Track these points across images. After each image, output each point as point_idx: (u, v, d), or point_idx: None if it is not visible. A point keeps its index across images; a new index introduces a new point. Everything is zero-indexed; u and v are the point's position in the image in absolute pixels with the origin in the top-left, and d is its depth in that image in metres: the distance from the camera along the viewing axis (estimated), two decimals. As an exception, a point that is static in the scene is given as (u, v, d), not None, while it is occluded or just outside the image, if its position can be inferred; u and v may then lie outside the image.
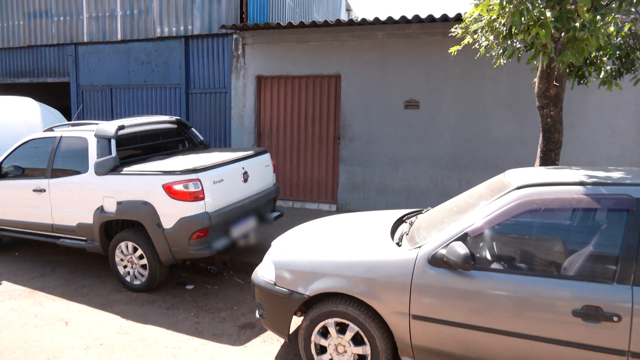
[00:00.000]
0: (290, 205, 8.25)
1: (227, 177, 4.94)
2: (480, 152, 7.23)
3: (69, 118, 9.37)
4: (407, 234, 3.46)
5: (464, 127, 7.26)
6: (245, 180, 5.20)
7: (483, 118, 7.17)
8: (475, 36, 4.44)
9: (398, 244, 3.30)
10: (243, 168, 5.19)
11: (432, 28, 7.18)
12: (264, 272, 3.60)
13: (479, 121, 7.19)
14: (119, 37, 9.14)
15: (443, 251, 2.94)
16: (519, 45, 4.18)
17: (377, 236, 3.54)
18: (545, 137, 4.98)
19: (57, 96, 12.34)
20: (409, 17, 6.91)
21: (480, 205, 3.09)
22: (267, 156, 5.71)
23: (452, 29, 4.54)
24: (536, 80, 4.84)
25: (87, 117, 9.73)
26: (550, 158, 5.06)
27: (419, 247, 3.09)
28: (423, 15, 6.84)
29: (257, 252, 5.88)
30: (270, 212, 5.76)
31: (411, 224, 3.72)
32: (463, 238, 2.95)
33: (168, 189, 4.57)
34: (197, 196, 4.58)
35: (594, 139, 6.79)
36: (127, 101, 9.34)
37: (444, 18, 6.74)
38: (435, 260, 2.96)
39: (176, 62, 8.79)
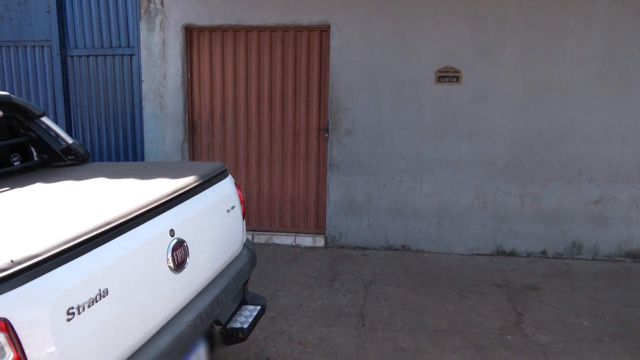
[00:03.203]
0: (249, 238, 4.87)
1: (122, 277, 1.52)
2: (556, 152, 4.37)
3: None
4: None
5: (530, 113, 4.34)
6: (180, 264, 1.80)
7: (561, 98, 4.29)
8: None
9: None
10: (172, 233, 1.79)
11: (485, -52, 4.11)
12: None
13: (554, 103, 4.31)
14: (-64, -42, 5.03)
15: None
16: None
17: None
18: None
19: None
20: None
21: None
22: (227, 185, 2.31)
23: None
24: None
25: None
26: None
27: None
28: None
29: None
30: (239, 314, 2.39)
31: None
32: None
33: None
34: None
35: None
36: (-42, 69, 5.28)
37: None
38: None
39: (42, 4, 4.93)
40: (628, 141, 4.26)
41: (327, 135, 4.61)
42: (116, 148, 5.03)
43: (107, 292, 1.42)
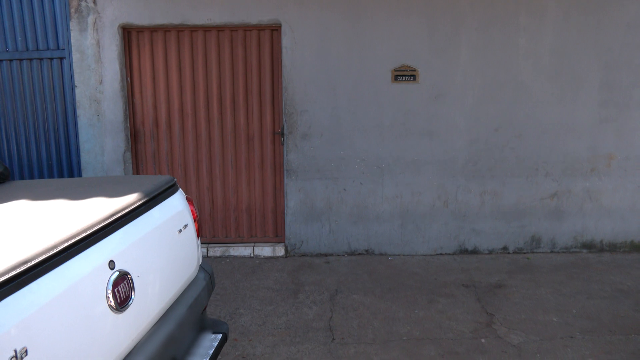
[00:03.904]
0: (202, 252, 4.53)
1: (47, 329, 1.20)
2: (513, 149, 4.37)
3: None
4: None
5: (487, 110, 4.32)
6: (123, 302, 1.49)
7: (516, 95, 4.29)
8: None
9: None
10: (112, 265, 1.48)
11: (436, -57, 4.03)
12: None
13: (510, 100, 4.30)
14: None
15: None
16: None
17: None
18: None
19: None
20: None
21: None
22: (177, 201, 2.01)
23: None
24: None
25: None
26: None
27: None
28: None
29: None
30: (197, 345, 2.09)
31: None
32: None
33: None
34: None
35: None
36: None
37: None
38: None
39: (-48, 1, 4.34)
40: (580, 135, 4.33)
41: (282, 139, 4.36)
42: (48, 162, 4.53)
43: (26, 352, 1.11)
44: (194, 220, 2.11)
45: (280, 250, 4.47)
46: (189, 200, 2.12)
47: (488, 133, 4.33)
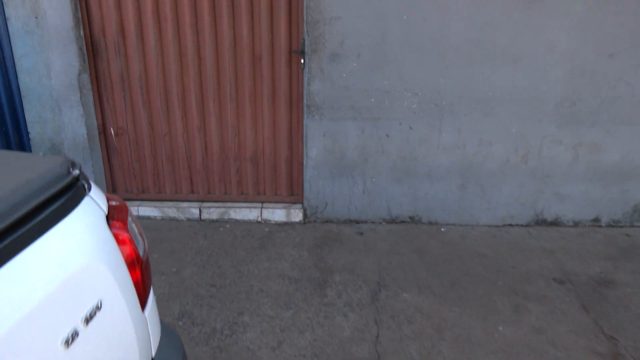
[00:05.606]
0: (193, 214, 3.33)
1: None
2: (630, 84, 2.99)
3: None
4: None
5: (601, 25, 2.88)
6: None
7: (651, 2, 2.83)
8: None
9: None
10: None
11: None
12: None
13: (637, 10, 2.85)
14: None
15: None
16: None
17: None
18: None
19: None
20: None
21: None
22: (72, 236, 0.74)
23: None
24: None
25: None
26: None
27: None
28: None
29: None
30: None
31: None
32: None
33: None
34: None
35: None
36: None
37: None
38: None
39: None
40: None
41: (302, 61, 2.97)
42: (-26, 84, 3.17)
43: None
44: (137, 263, 0.86)
45: (297, 214, 3.28)
46: (116, 212, 0.85)
47: (598, 59, 2.93)
